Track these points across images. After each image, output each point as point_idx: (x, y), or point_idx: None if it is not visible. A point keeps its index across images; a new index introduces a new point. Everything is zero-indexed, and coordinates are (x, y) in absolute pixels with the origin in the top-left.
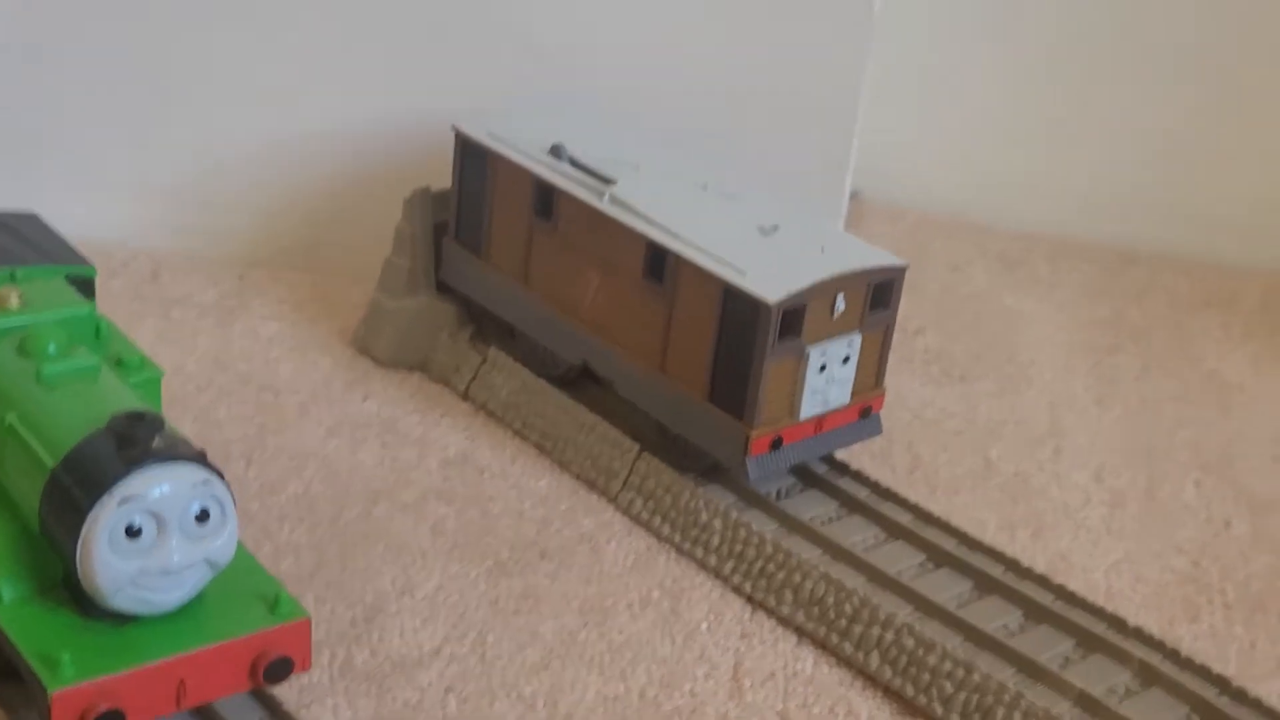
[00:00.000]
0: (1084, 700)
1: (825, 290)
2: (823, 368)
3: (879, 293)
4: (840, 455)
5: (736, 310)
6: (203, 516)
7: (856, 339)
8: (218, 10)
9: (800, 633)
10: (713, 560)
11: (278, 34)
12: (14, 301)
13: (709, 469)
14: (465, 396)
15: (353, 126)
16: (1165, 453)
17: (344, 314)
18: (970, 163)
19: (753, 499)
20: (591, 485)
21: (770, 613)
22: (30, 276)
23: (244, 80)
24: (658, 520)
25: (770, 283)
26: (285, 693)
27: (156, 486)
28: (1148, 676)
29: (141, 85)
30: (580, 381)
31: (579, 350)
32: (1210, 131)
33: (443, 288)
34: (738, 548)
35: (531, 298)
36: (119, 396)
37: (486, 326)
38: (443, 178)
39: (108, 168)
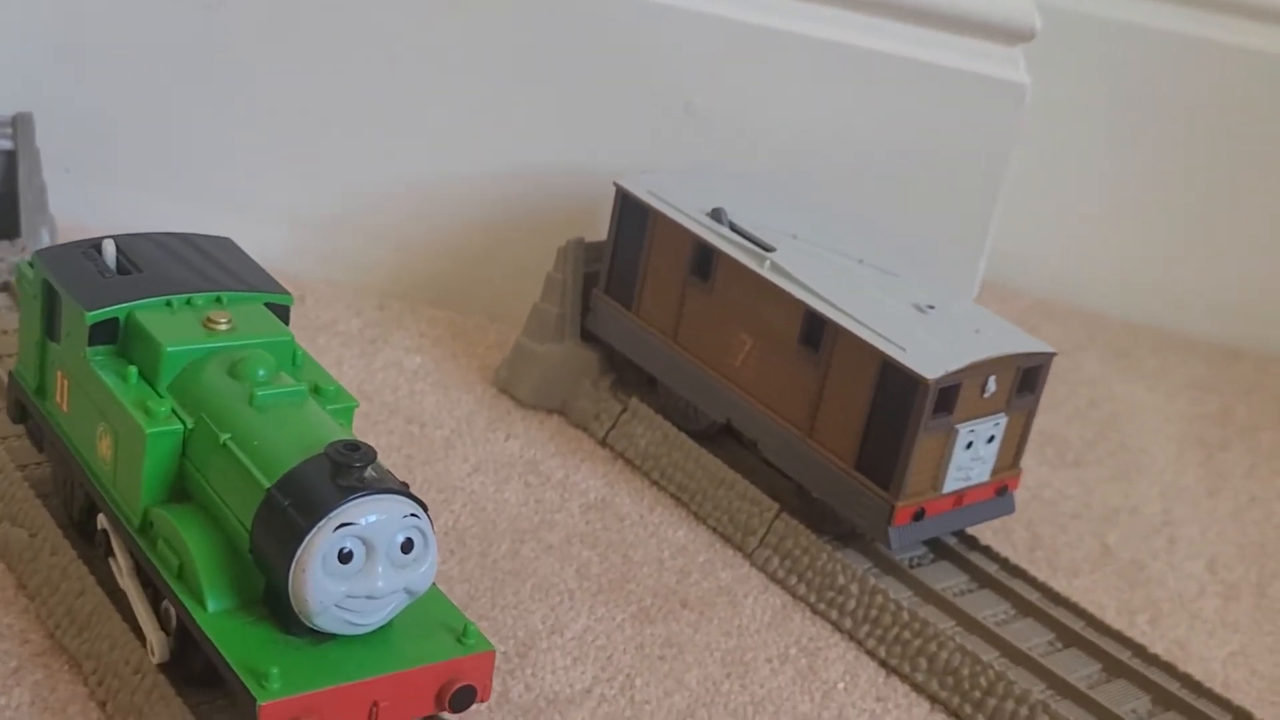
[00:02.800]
0: None
1: (979, 371)
2: (969, 445)
3: (1027, 376)
4: (968, 530)
5: (893, 384)
6: (407, 546)
7: (1003, 420)
8: (381, 49)
9: (934, 700)
10: (848, 623)
11: (442, 76)
12: (224, 325)
13: (844, 534)
14: (604, 443)
15: (505, 172)
16: (1276, 549)
17: (482, 352)
18: (1087, 252)
19: (887, 566)
20: (728, 540)
21: (904, 678)
22: (235, 301)
23: (403, 118)
24: (794, 579)
25: (928, 360)
26: None
27: (370, 515)
28: None
29: (305, 117)
30: (719, 439)
31: (725, 408)
32: None
33: (587, 336)
34: (874, 612)
35: (680, 354)
36: (325, 425)
37: (628, 376)
38: (590, 230)
39: (266, 195)
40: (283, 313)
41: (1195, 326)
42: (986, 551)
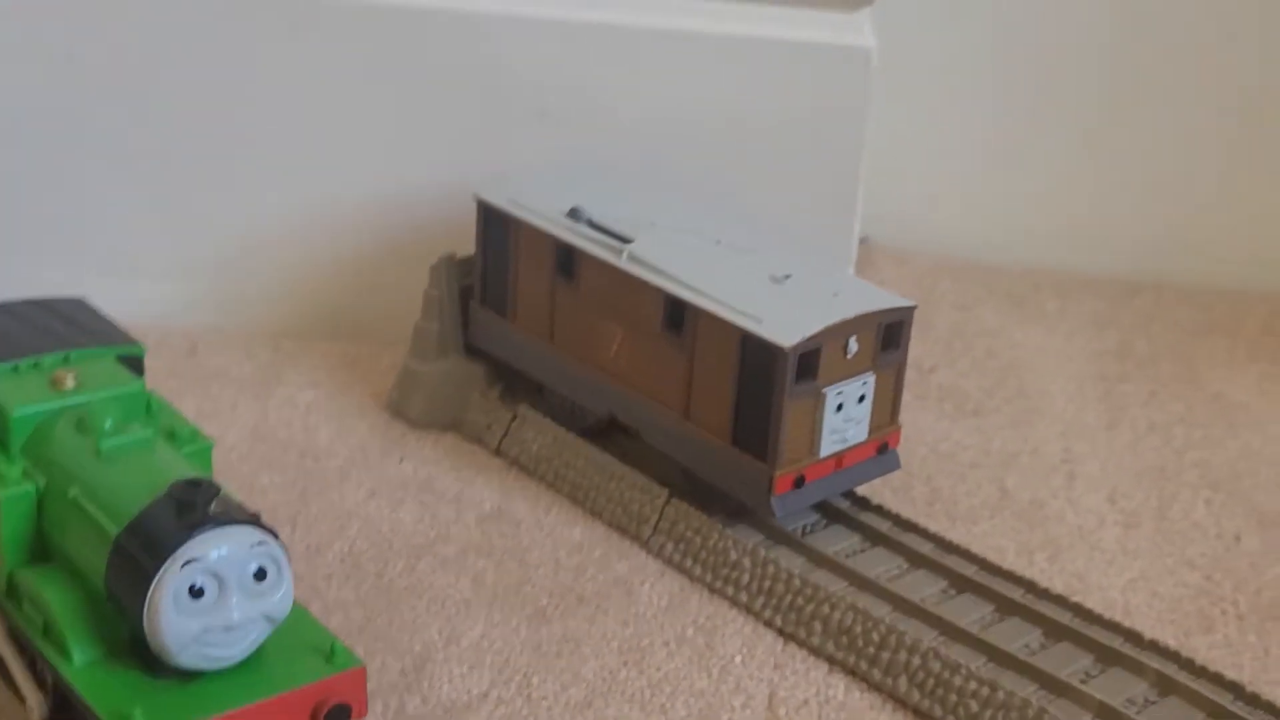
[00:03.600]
0: (1104, 712)
1: (838, 333)
2: (840, 407)
3: (890, 333)
4: (862, 491)
5: (755, 356)
6: (260, 575)
7: (870, 378)
8: (235, 90)
9: (831, 662)
10: (744, 597)
11: (297, 108)
12: (70, 382)
13: (735, 510)
14: (498, 452)
15: (375, 196)
16: (1175, 474)
17: (376, 379)
18: (975, 205)
19: (779, 536)
20: (624, 531)
21: (801, 644)
22: (83, 358)
23: (266, 154)
24: (689, 562)
25: (785, 329)
26: None
27: (216, 549)
28: (1165, 686)
29: (171, 167)
30: (608, 433)
31: (605, 402)
32: (1207, 162)
33: (471, 350)
34: (767, 584)
35: (557, 354)
36: (174, 466)
37: (515, 384)
38: (467, 243)
39: (139, 249)
40: (136, 364)
41: (1093, 266)
42: (879, 511)
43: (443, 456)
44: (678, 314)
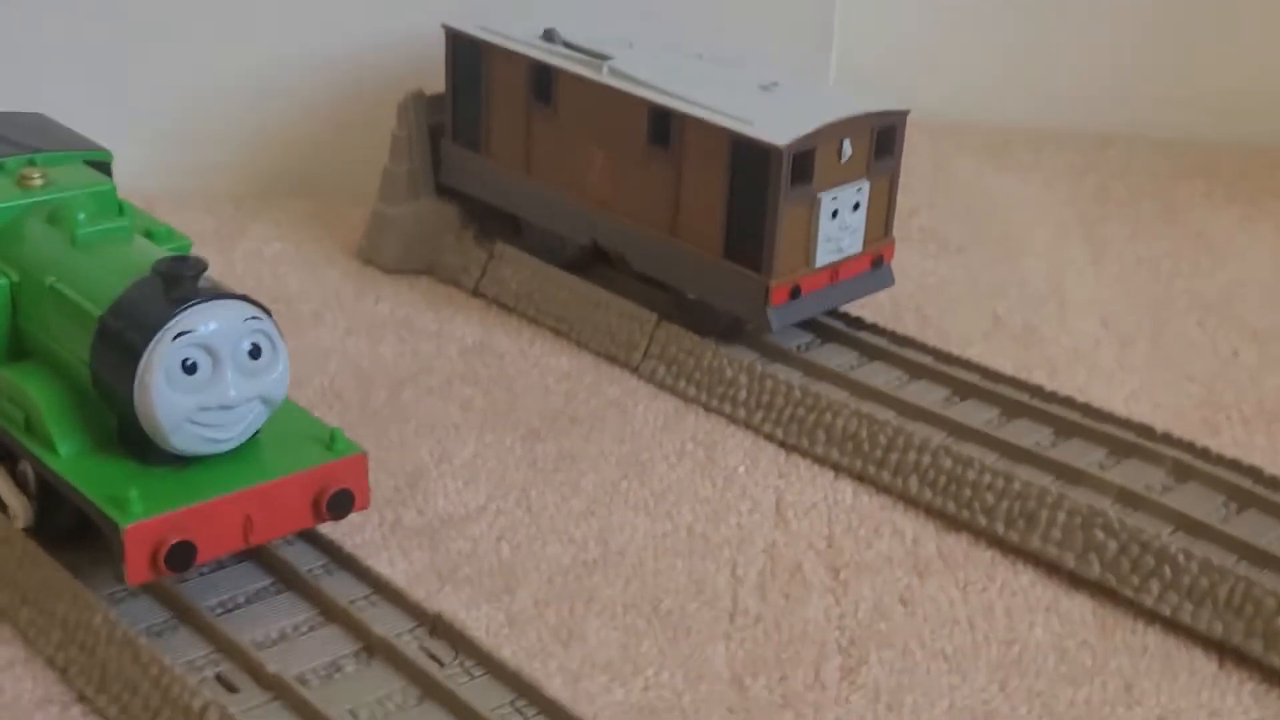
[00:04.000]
0: (1125, 496)
1: (832, 133)
2: (835, 214)
3: (883, 138)
4: (853, 314)
5: (747, 160)
6: (255, 353)
7: (865, 185)
8: None
9: (837, 468)
10: (742, 413)
11: None
12: (38, 180)
13: (726, 332)
14: (475, 293)
15: (333, 45)
16: (1165, 300)
17: (344, 232)
18: (943, 65)
19: (775, 354)
20: (612, 359)
21: (804, 454)
22: (49, 162)
23: (221, 11)
24: (682, 383)
25: (778, 129)
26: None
27: (208, 322)
28: (1182, 473)
29: (114, 31)
30: (589, 266)
31: (587, 230)
32: (1177, 16)
33: (443, 190)
34: (766, 398)
35: (535, 185)
36: (155, 253)
37: (490, 225)
38: (429, 84)
39: (90, 116)
40: (104, 170)
41: (1063, 120)
42: (874, 329)
43: (419, 298)
44: (663, 125)
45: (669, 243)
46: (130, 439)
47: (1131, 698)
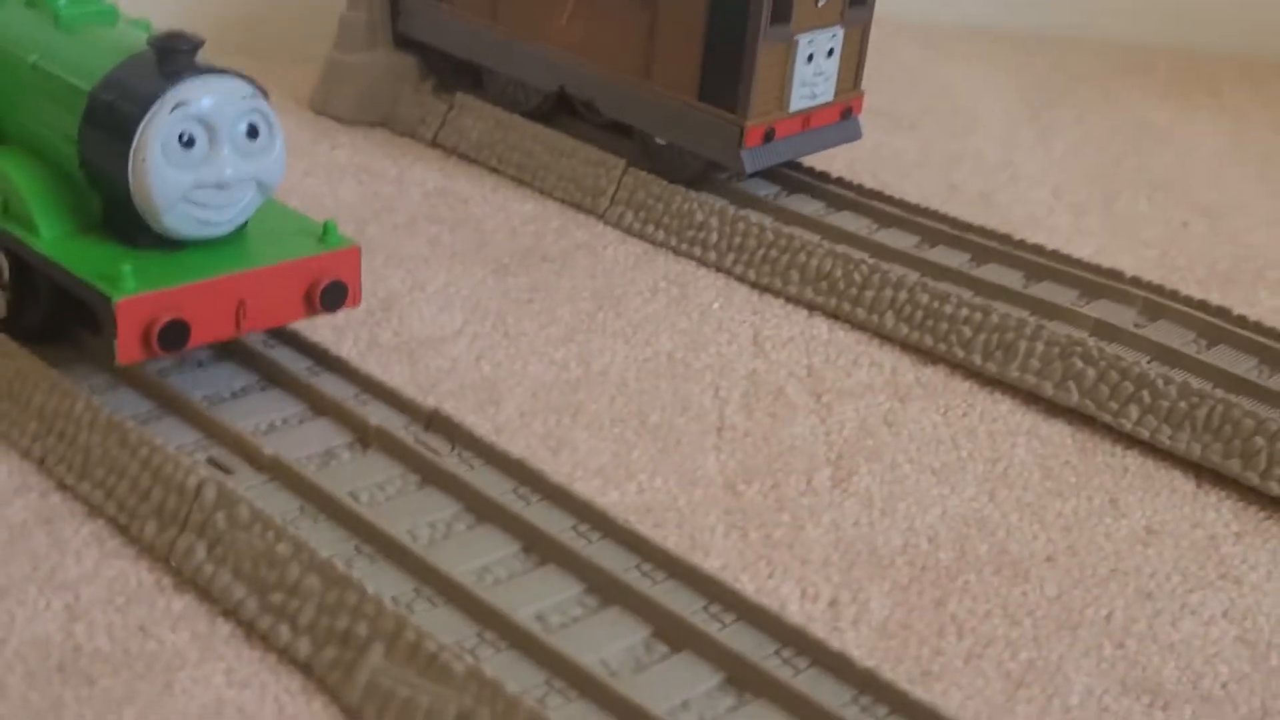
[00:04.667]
0: (1101, 328)
1: None
2: (810, 58)
3: None
4: (817, 169)
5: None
6: (252, 133)
7: (840, 32)
8: None
9: (811, 307)
10: (713, 256)
11: None
12: None
13: (693, 179)
14: (434, 143)
15: None
16: (1115, 175)
17: (290, 86)
18: None
19: (744, 200)
20: (578, 206)
21: (778, 294)
22: None
23: None
24: (651, 228)
25: None
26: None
27: (206, 96)
28: (1153, 311)
29: None
30: (550, 117)
31: (555, 77)
32: None
33: (401, 41)
34: (737, 240)
35: (501, 33)
36: (141, 36)
37: (448, 80)
38: None
39: None
40: None
41: (997, 22)
42: (840, 182)
43: (375, 147)
44: None
45: (641, 86)
46: (118, 221)
47: (1117, 510)
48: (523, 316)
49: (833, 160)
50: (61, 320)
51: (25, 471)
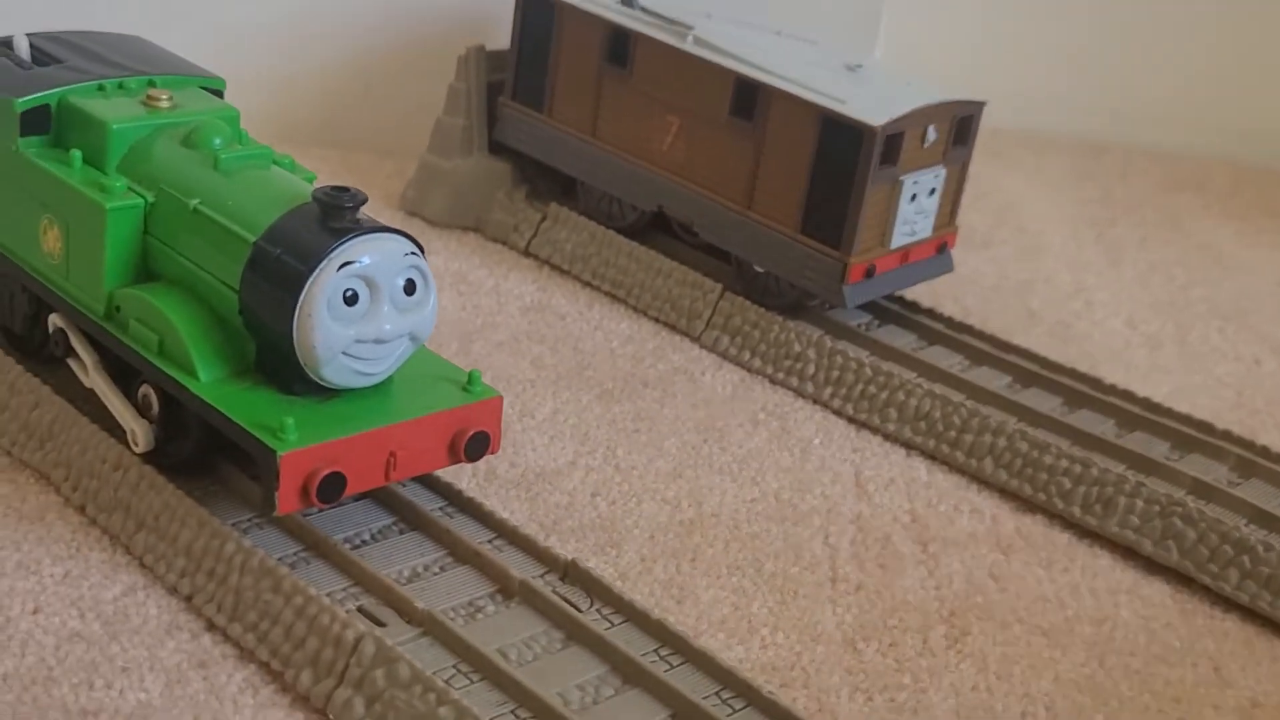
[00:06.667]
0: (1199, 487)
1: (920, 119)
2: (913, 198)
3: (962, 126)
4: (906, 297)
5: (836, 138)
6: (410, 288)
7: (942, 171)
8: None
9: (909, 447)
10: (809, 388)
11: None
12: (165, 102)
13: (788, 307)
14: (527, 253)
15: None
16: (1184, 305)
17: (381, 181)
18: (941, 67)
19: (839, 331)
20: (674, 327)
21: (876, 430)
22: (169, 84)
23: None
24: (747, 355)
25: (871, 110)
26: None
27: (370, 254)
28: (1245, 469)
29: None
30: (645, 233)
31: (655, 196)
32: (1169, 30)
33: (495, 149)
34: (835, 373)
35: (601, 148)
36: (299, 183)
37: (541, 187)
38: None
39: None
40: (219, 97)
41: (1059, 127)
42: (930, 314)
43: (470, 253)
44: (749, 97)
45: (743, 215)
46: (273, 367)
47: (1222, 680)
48: (631, 449)
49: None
50: (207, 454)
51: (174, 609)
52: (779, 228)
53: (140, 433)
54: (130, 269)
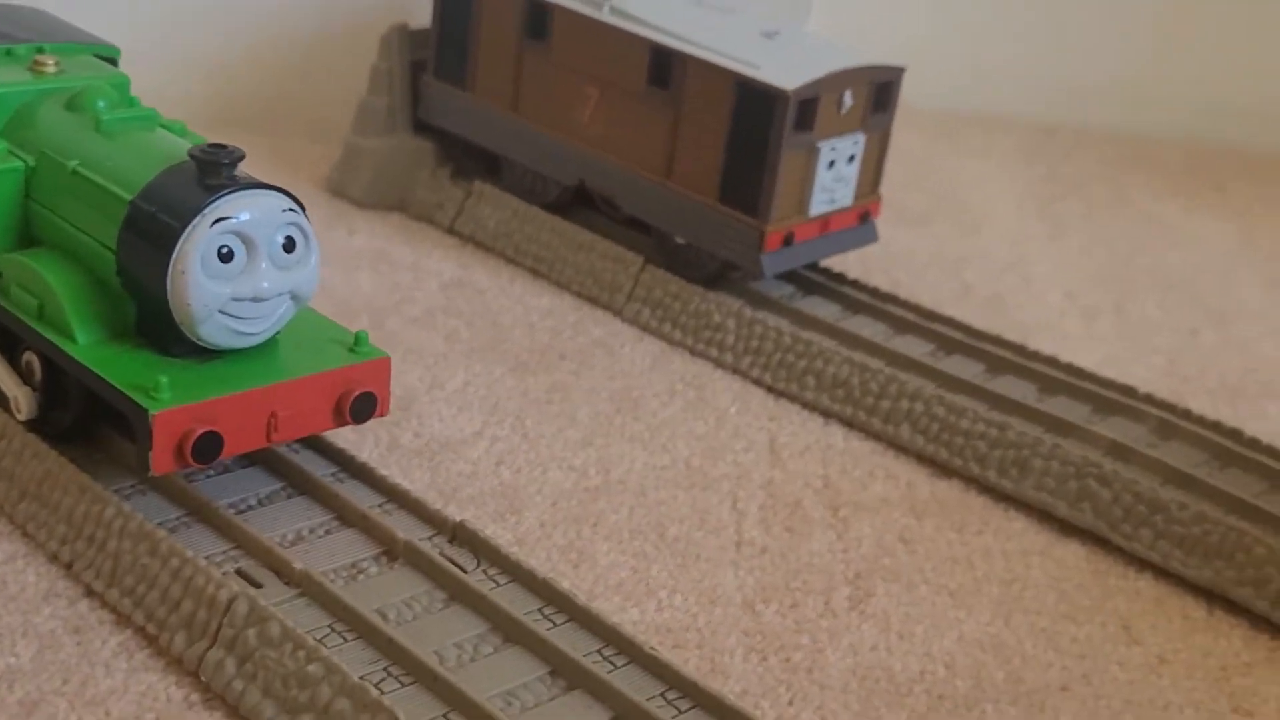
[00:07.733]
0: (1116, 449)
1: (835, 84)
2: (831, 164)
3: (881, 93)
4: (833, 269)
5: (751, 104)
6: (289, 246)
7: (861, 138)
8: None
9: (827, 414)
10: (729, 358)
11: None
12: (52, 67)
13: (710, 279)
14: (451, 230)
15: None
16: (1126, 277)
17: (308, 166)
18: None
19: (760, 302)
20: (595, 301)
21: (794, 399)
22: (59, 51)
23: None
24: (668, 326)
25: (784, 75)
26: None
27: (246, 210)
28: (1165, 431)
29: None
30: (569, 209)
31: (576, 170)
32: (1123, 10)
33: (420, 127)
34: (754, 343)
35: (522, 124)
36: (182, 144)
37: (466, 166)
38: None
39: None
40: (112, 64)
41: (1009, 108)
42: (855, 284)
43: (393, 232)
44: (665, 66)
45: (663, 186)
46: (152, 329)
47: (1131, 637)
48: (542, 418)
49: (846, 258)
50: (91, 421)
51: (53, 577)
52: (698, 197)
53: (23, 400)
54: (12, 234)
